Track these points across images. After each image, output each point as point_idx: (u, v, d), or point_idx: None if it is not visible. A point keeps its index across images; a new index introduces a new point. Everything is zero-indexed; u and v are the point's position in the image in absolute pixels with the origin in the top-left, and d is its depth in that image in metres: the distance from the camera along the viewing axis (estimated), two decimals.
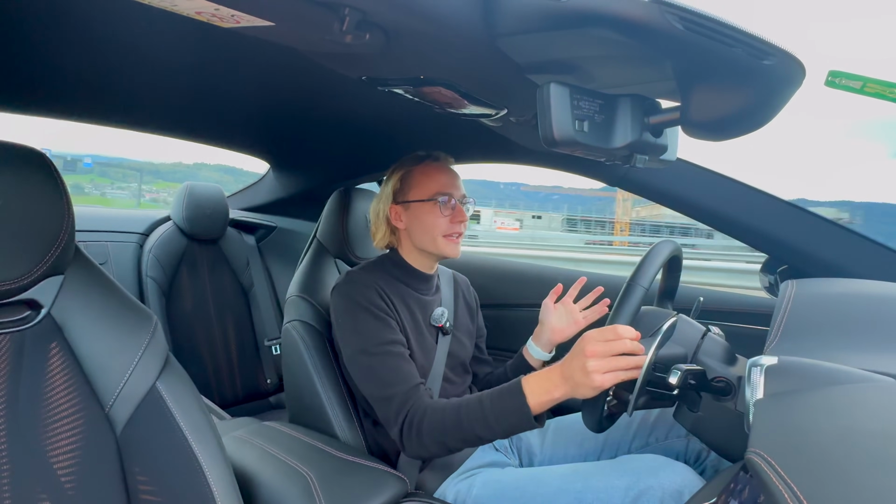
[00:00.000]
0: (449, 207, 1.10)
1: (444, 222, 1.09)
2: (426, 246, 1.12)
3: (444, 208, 1.09)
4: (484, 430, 0.88)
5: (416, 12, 0.58)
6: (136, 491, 0.68)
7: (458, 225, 1.10)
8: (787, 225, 1.11)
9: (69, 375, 0.67)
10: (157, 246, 1.79)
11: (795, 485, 0.42)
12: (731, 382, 0.75)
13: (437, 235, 1.10)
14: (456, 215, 1.10)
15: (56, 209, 0.66)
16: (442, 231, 1.09)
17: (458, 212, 1.11)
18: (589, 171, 1.28)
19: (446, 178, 1.12)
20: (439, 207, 1.09)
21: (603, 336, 0.78)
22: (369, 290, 1.06)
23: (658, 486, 0.83)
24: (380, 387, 0.99)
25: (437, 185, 1.10)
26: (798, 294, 0.77)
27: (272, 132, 1.62)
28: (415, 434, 0.93)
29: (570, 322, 1.17)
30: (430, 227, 1.10)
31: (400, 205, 1.13)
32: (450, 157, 1.17)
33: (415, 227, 1.12)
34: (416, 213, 1.11)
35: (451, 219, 1.10)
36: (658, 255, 0.88)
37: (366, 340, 1.02)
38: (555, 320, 1.17)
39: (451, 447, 0.93)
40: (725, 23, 0.53)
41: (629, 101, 0.69)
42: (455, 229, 1.10)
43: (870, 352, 0.62)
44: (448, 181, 1.12)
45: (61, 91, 1.18)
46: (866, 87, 0.74)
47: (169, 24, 0.70)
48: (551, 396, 0.84)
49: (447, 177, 1.12)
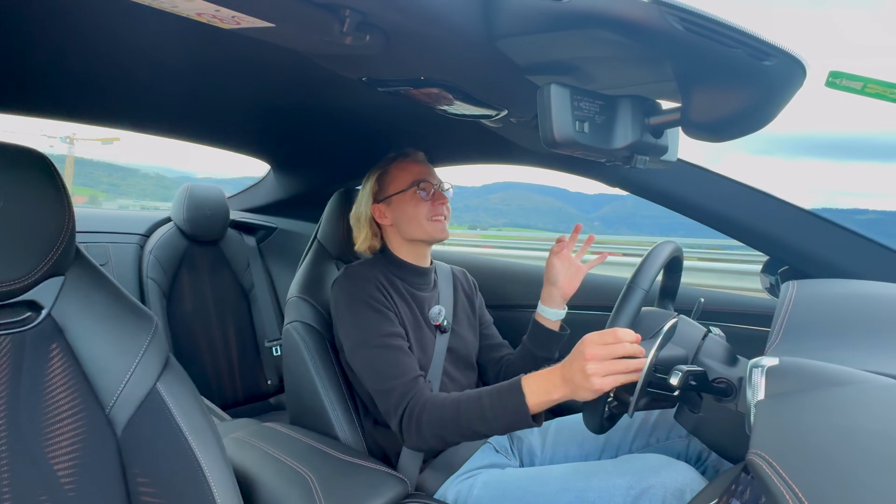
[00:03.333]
0: (429, 193, 1.14)
1: (427, 206, 1.13)
2: (414, 234, 1.15)
3: (423, 195, 1.13)
4: (482, 426, 0.89)
5: (416, 14, 0.58)
6: (137, 492, 0.68)
7: (441, 207, 1.14)
8: (787, 226, 1.11)
9: (70, 377, 0.67)
10: (157, 247, 1.79)
11: (797, 485, 0.42)
12: (732, 383, 0.75)
13: (422, 220, 1.13)
14: (436, 198, 1.14)
15: (57, 210, 0.66)
16: (426, 215, 1.13)
17: (438, 195, 1.15)
18: (589, 171, 1.28)
19: (420, 168, 1.17)
20: (419, 194, 1.13)
21: (602, 339, 0.78)
22: (368, 283, 1.08)
23: (660, 485, 0.83)
24: (380, 379, 1.01)
25: (413, 175, 1.15)
26: (799, 295, 0.77)
27: (272, 133, 1.62)
28: (414, 426, 0.95)
29: (575, 272, 1.18)
30: (413, 214, 1.13)
31: (382, 202, 1.17)
32: (419, 152, 1.21)
33: (400, 219, 1.15)
34: (398, 205, 1.15)
35: (433, 202, 1.14)
36: (658, 256, 0.88)
37: (365, 333, 1.03)
38: (562, 275, 1.18)
39: (449, 441, 0.95)
40: (725, 23, 0.53)
41: (629, 101, 0.69)
42: (438, 211, 1.14)
43: (871, 352, 0.62)
44: (423, 170, 1.16)
45: (62, 92, 1.18)
46: (867, 87, 0.74)
47: (169, 25, 0.70)
48: (550, 397, 0.84)
49: (421, 167, 1.17)
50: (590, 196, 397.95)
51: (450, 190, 1.18)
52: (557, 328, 1.18)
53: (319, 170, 1.85)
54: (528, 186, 42.57)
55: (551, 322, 1.18)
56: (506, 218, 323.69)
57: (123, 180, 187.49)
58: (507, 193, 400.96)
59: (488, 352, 1.29)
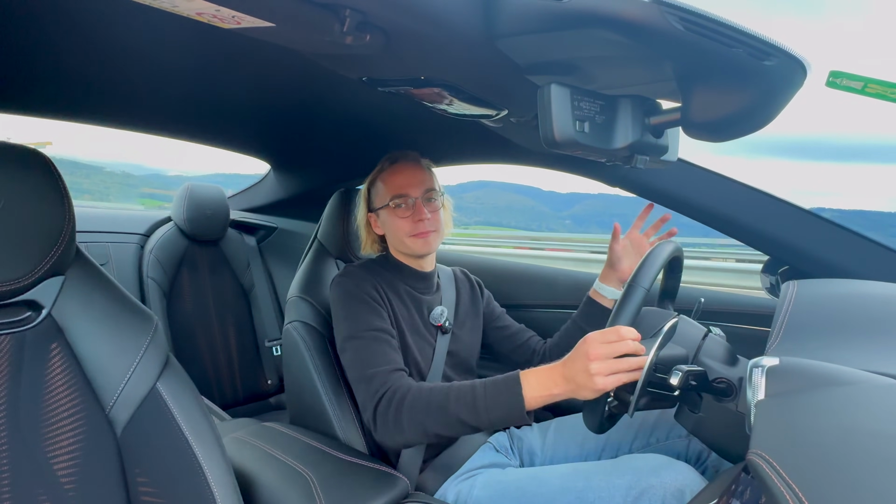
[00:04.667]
0: (408, 208, 1.10)
1: (406, 223, 1.10)
2: (399, 247, 1.15)
3: (401, 210, 1.10)
4: (471, 416, 0.87)
5: (416, 13, 0.58)
6: (137, 492, 0.68)
7: (420, 224, 1.09)
8: (788, 226, 1.11)
9: (70, 376, 0.67)
10: (157, 247, 1.79)
11: (797, 485, 0.42)
12: (733, 383, 0.75)
13: (403, 237, 1.11)
14: (416, 213, 1.10)
15: (57, 210, 0.66)
16: (406, 232, 1.10)
17: (418, 210, 1.09)
18: (589, 171, 1.28)
19: (401, 179, 1.11)
20: (397, 210, 1.10)
21: (605, 338, 0.78)
22: (364, 282, 1.08)
23: (660, 485, 0.83)
24: (361, 367, 0.99)
25: (392, 189, 1.11)
26: (799, 295, 0.77)
27: (273, 133, 1.62)
28: (392, 414, 0.92)
29: (636, 255, 1.16)
30: (395, 230, 1.12)
31: (373, 213, 1.17)
32: (410, 154, 1.16)
33: (387, 232, 1.16)
34: (384, 219, 1.15)
35: (412, 218, 1.10)
36: (659, 255, 0.88)
37: (354, 326, 1.04)
38: (623, 258, 1.17)
39: (429, 431, 0.90)
40: (726, 23, 0.53)
41: (630, 101, 0.69)
42: (419, 228, 1.10)
43: (871, 352, 0.62)
44: (403, 182, 1.11)
45: (62, 92, 1.18)
46: (867, 87, 0.74)
47: (170, 25, 0.70)
48: (550, 393, 0.83)
49: (402, 177, 1.12)
50: (562, 195, 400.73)
51: (438, 199, 1.13)
52: (612, 306, 1.17)
53: (319, 169, 1.85)
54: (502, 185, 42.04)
55: (607, 300, 1.18)
56: (480, 216, 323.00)
57: (87, 178, 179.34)
58: (482, 192, 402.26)
59: (510, 341, 1.27)
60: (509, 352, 1.27)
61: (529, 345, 1.25)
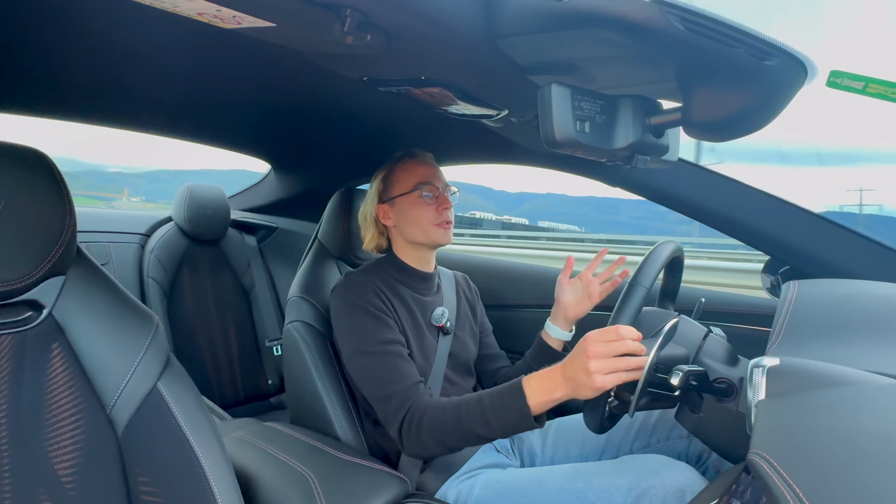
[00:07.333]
0: (433, 197, 1.12)
1: (430, 211, 1.11)
2: (417, 237, 1.13)
3: (428, 198, 1.11)
4: (483, 428, 0.88)
5: (417, 13, 0.58)
6: (137, 492, 0.68)
7: (445, 213, 1.12)
8: (788, 225, 1.11)
9: (70, 376, 0.67)
10: (158, 247, 1.79)
11: (797, 486, 0.42)
12: (733, 383, 0.75)
13: (425, 225, 1.11)
14: (440, 203, 1.12)
15: (58, 210, 0.66)
16: (430, 220, 1.11)
17: (443, 200, 1.13)
18: (590, 171, 1.28)
19: (426, 170, 1.14)
20: (423, 197, 1.11)
21: (605, 336, 0.78)
22: (367, 290, 1.07)
23: (660, 485, 0.83)
24: (379, 386, 1.00)
25: (418, 177, 1.13)
26: (800, 295, 0.77)
27: (273, 133, 1.62)
28: (414, 433, 0.93)
29: (584, 297, 1.14)
30: (417, 218, 1.12)
31: (386, 203, 1.15)
32: (428, 153, 1.19)
33: (403, 222, 1.14)
34: (401, 207, 1.13)
35: (437, 207, 1.12)
36: (659, 255, 0.88)
37: (364, 340, 1.02)
38: (569, 296, 1.15)
39: (450, 446, 0.93)
40: (727, 23, 0.53)
41: (630, 101, 0.69)
42: (443, 217, 1.12)
43: (872, 352, 0.62)
44: (428, 172, 1.14)
45: (62, 92, 1.18)
46: (868, 87, 0.74)
47: (170, 25, 0.70)
48: (552, 397, 0.83)
49: (427, 169, 1.15)
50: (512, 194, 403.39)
51: (456, 193, 1.16)
52: (560, 348, 1.17)
53: (320, 169, 1.85)
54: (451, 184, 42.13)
55: (554, 341, 1.17)
56: None
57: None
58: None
59: (485, 362, 1.28)
60: (481, 372, 1.27)
61: (499, 374, 1.25)
